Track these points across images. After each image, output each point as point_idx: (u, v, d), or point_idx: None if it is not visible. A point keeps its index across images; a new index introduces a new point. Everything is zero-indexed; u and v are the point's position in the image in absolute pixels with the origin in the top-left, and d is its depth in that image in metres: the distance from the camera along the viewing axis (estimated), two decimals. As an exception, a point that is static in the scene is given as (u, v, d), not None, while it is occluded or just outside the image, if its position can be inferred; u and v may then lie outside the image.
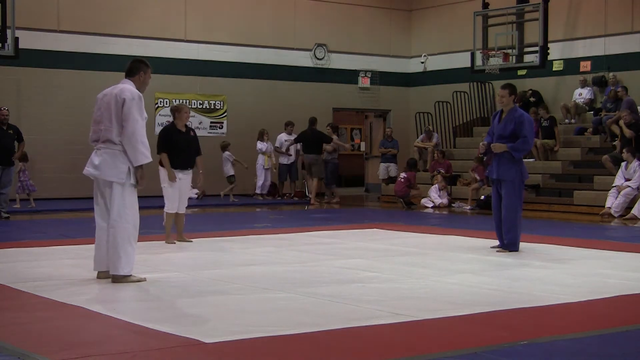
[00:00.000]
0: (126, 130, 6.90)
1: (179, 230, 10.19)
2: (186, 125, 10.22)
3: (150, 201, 17.27)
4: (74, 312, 5.83)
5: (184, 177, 10.09)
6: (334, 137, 18.76)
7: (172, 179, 9.89)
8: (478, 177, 17.19)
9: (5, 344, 4.83)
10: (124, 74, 7.29)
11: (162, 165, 10.00)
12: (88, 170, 7.11)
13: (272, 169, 19.25)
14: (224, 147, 18.61)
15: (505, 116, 9.30)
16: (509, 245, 9.25)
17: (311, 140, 18.43)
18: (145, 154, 6.98)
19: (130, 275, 7.04)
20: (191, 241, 10.19)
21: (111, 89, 7.12)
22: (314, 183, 18.51)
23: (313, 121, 18.48)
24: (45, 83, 18.02)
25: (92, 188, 7.21)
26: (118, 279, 6.99)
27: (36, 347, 4.74)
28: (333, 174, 18.76)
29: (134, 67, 7.23)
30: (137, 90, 7.07)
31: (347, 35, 21.81)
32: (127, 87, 7.05)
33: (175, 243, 10.05)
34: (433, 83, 22.20)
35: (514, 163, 9.21)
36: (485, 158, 13.53)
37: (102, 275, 7.18)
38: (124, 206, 6.98)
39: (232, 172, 18.49)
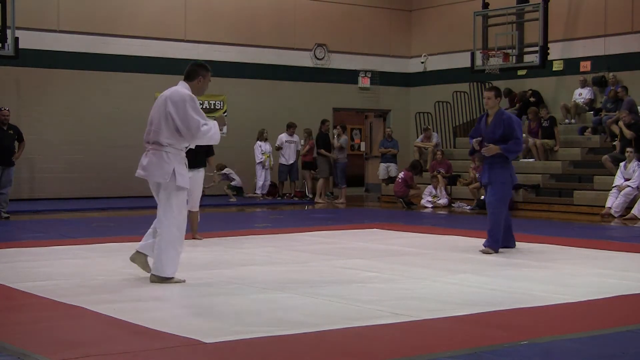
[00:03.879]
0: (189, 129, 6.92)
1: (193, 228, 10.38)
2: None
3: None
4: (74, 312, 5.82)
5: (193, 176, 10.15)
6: (343, 137, 18.90)
7: None
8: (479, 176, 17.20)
9: (5, 344, 4.83)
10: (124, 73, 7.32)
11: None
12: (138, 172, 7.23)
13: (269, 169, 19.30)
14: (221, 168, 18.70)
15: (492, 119, 9.24)
16: (489, 244, 9.16)
17: (320, 140, 18.80)
18: (214, 137, 7.11)
19: (172, 278, 7.04)
20: (202, 239, 10.43)
21: (165, 92, 7.20)
22: (319, 182, 18.73)
23: (324, 122, 19.01)
24: (45, 83, 18.01)
25: (92, 188, 7.26)
26: (158, 280, 6.99)
27: (36, 347, 4.74)
28: (342, 173, 18.81)
29: (193, 71, 7.26)
30: (187, 92, 7.09)
31: (347, 35, 21.81)
32: (178, 89, 7.11)
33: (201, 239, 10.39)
34: (433, 83, 22.20)
35: (506, 168, 9.20)
36: (472, 156, 13.49)
37: (135, 257, 7.25)
38: (170, 209, 7.00)
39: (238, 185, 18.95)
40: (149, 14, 19.26)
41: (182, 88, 7.15)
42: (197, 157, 10.25)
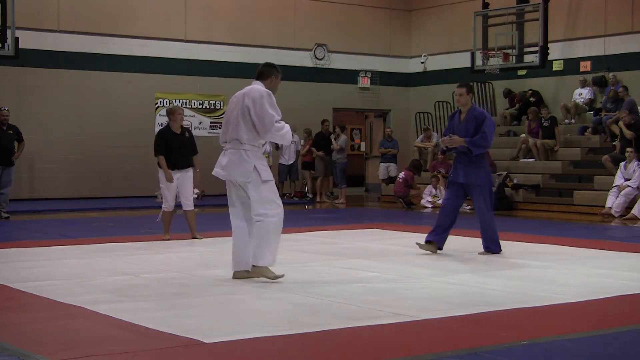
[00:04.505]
0: (264, 125, 6.96)
1: (191, 227, 10.50)
2: (182, 126, 10.56)
3: (151, 201, 17.27)
4: (74, 312, 5.82)
5: (182, 176, 10.42)
6: (342, 137, 18.95)
7: (169, 180, 10.29)
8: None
9: (5, 344, 4.83)
10: (124, 73, 7.32)
11: (160, 166, 10.39)
12: (217, 171, 7.20)
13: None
14: None
15: (465, 116, 9.01)
16: (494, 247, 9.03)
17: (321, 140, 18.89)
18: (286, 137, 7.15)
19: (267, 268, 7.06)
20: (202, 238, 10.45)
21: (240, 91, 7.25)
22: (317, 182, 18.82)
23: (323, 122, 19.15)
24: (45, 83, 18.01)
25: (92, 188, 7.27)
26: (257, 270, 7.02)
27: (36, 347, 4.74)
28: (342, 174, 18.82)
29: (266, 71, 7.29)
30: (265, 89, 7.12)
31: (347, 35, 21.81)
32: (256, 87, 7.15)
33: (170, 239, 10.34)
34: (433, 83, 22.19)
35: (481, 167, 8.97)
36: (443, 155, 13.38)
37: (239, 275, 7.23)
38: (263, 202, 7.01)
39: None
40: (149, 14, 19.26)
41: (258, 85, 7.20)
42: (185, 157, 10.47)
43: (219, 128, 19.57)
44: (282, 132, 7.06)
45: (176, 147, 10.36)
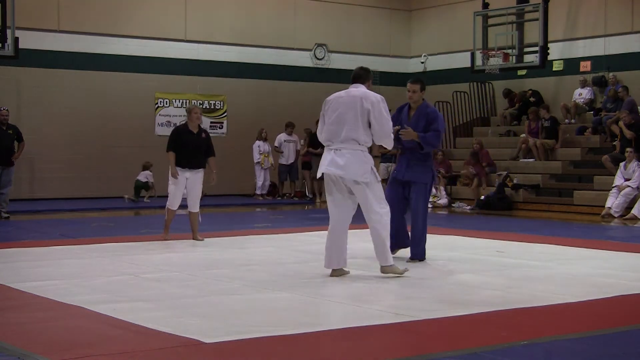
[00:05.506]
0: (382, 128, 7.23)
1: (193, 229, 10.42)
2: (199, 126, 10.48)
3: (150, 201, 17.27)
4: (74, 312, 5.82)
5: (191, 177, 10.32)
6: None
7: (173, 174, 10.21)
8: (474, 171, 17.24)
9: (5, 344, 4.83)
10: (124, 73, 7.32)
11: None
12: (331, 169, 7.28)
13: (270, 169, 19.30)
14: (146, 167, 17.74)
15: (415, 112, 8.60)
16: (420, 254, 8.53)
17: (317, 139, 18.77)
18: (392, 142, 7.50)
19: (394, 265, 7.35)
20: (203, 239, 10.35)
21: (346, 92, 7.42)
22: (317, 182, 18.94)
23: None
24: (45, 83, 18.01)
25: (92, 188, 7.23)
26: (387, 270, 7.31)
27: (36, 347, 4.74)
28: None
29: (364, 74, 7.60)
30: (378, 94, 7.38)
31: (347, 35, 21.81)
32: (368, 91, 7.36)
33: (169, 240, 10.25)
34: (433, 83, 22.13)
35: (426, 165, 8.60)
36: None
37: (337, 273, 7.42)
38: (379, 202, 7.33)
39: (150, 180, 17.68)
40: (149, 14, 19.25)
41: (364, 88, 7.41)
42: (196, 158, 10.34)
43: (220, 128, 20.08)
44: (392, 137, 7.43)
45: (189, 146, 10.25)
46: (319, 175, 7.51)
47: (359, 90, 7.37)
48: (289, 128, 19.32)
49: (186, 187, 10.32)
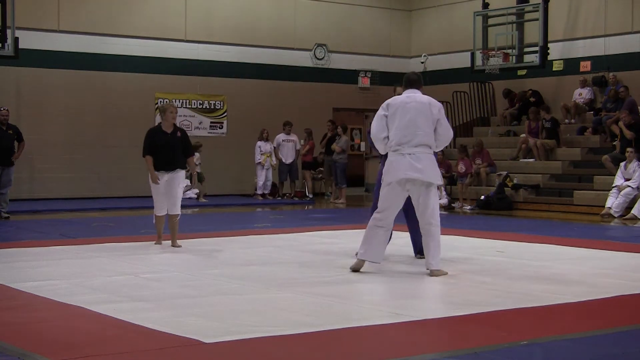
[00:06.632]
0: (447, 133, 7.62)
1: (172, 234, 9.77)
2: (175, 125, 9.84)
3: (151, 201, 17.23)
4: (74, 312, 5.83)
5: (169, 178, 9.72)
6: (343, 138, 18.92)
7: (154, 180, 9.64)
8: (464, 169, 17.21)
9: (5, 344, 4.83)
10: (124, 74, 7.31)
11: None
12: (410, 173, 7.49)
13: (272, 169, 19.29)
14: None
15: None
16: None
17: (332, 142, 19.00)
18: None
19: (442, 269, 7.61)
20: (180, 246, 9.69)
21: (409, 98, 7.65)
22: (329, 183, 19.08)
23: (332, 122, 19.24)
24: (45, 83, 18.00)
25: (92, 188, 7.25)
26: (436, 273, 7.50)
27: (36, 347, 4.74)
28: (342, 173, 18.82)
29: (418, 79, 7.87)
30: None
31: (347, 35, 21.81)
32: (431, 98, 7.67)
33: (161, 244, 9.82)
34: (433, 83, 22.14)
35: (382, 165, 8.40)
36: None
37: (359, 265, 7.71)
38: (436, 207, 7.69)
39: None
40: (149, 14, 19.26)
41: (420, 94, 7.68)
42: (173, 159, 9.73)
43: (220, 128, 20.08)
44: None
45: (164, 147, 9.63)
46: (397, 179, 7.58)
47: (424, 96, 7.65)
48: (287, 127, 19.31)
49: (165, 189, 9.68)
